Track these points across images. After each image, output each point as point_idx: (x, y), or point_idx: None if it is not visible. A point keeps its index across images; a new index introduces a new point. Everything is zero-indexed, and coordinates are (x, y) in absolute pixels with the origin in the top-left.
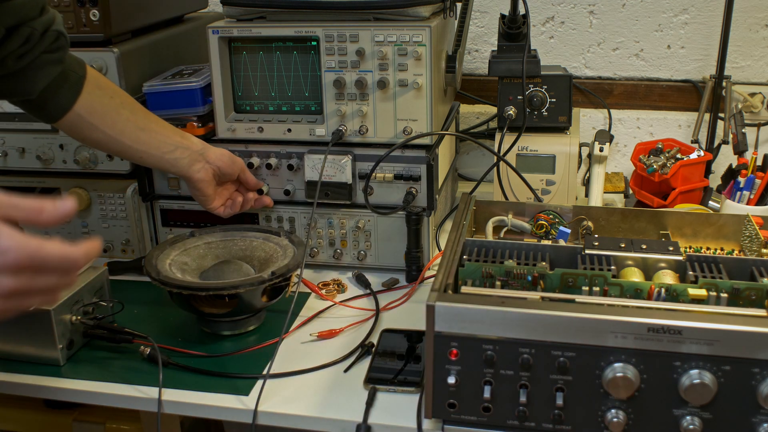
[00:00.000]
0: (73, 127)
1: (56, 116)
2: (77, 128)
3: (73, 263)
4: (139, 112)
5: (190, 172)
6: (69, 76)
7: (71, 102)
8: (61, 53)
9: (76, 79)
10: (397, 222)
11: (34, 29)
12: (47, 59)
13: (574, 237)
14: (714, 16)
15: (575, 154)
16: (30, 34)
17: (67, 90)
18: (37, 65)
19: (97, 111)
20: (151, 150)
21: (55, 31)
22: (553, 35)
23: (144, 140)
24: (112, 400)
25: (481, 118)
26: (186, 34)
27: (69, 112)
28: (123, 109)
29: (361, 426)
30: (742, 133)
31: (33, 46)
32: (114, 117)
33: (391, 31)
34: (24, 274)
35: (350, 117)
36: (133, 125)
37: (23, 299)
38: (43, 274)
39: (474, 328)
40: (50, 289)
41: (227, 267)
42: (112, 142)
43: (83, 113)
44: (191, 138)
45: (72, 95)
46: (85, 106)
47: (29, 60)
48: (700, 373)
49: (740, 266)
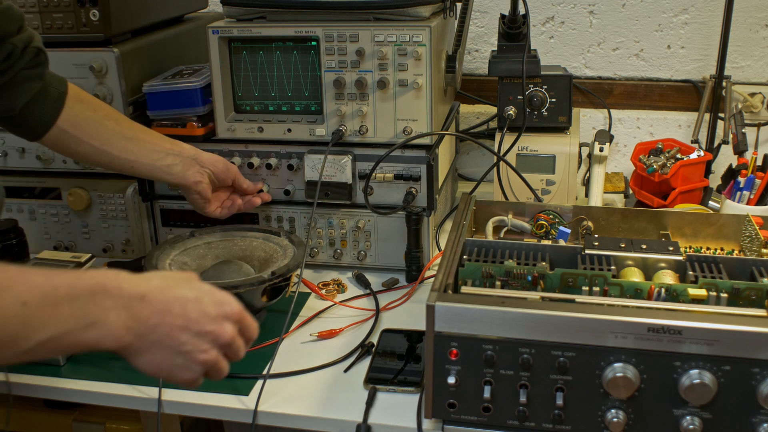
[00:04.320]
0: (59, 142)
1: (39, 132)
2: (62, 143)
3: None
4: (125, 123)
5: (185, 177)
6: (49, 92)
7: (54, 117)
8: (41, 69)
9: (57, 95)
10: (397, 222)
11: (15, 45)
12: (27, 75)
13: (574, 237)
14: (714, 16)
15: (575, 154)
16: (11, 51)
17: (48, 105)
18: (18, 81)
19: (80, 124)
20: (141, 159)
21: (35, 48)
22: (553, 35)
23: (132, 149)
24: (112, 400)
25: (481, 118)
26: (186, 34)
27: (52, 127)
28: (108, 121)
29: (361, 426)
30: (742, 133)
31: (14, 62)
32: (99, 129)
33: (391, 31)
34: (237, 327)
35: (350, 117)
36: (120, 135)
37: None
38: (242, 335)
39: (474, 328)
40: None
41: (227, 267)
42: (99, 154)
43: (67, 127)
44: (182, 145)
45: (54, 110)
46: (68, 121)
47: (9, 76)
48: (700, 373)
49: (740, 266)
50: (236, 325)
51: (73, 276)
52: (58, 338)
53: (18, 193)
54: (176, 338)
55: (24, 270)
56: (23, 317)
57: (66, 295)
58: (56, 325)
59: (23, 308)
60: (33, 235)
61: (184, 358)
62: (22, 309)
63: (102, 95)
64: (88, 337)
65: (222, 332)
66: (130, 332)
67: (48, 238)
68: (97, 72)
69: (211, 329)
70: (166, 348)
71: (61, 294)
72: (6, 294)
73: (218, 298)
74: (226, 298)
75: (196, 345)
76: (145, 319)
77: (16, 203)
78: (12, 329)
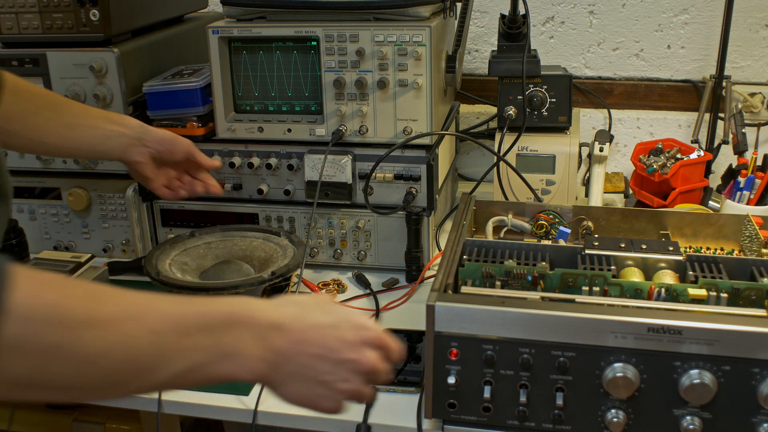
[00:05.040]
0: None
1: None
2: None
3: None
4: (65, 109)
5: (124, 156)
6: None
7: None
8: None
9: None
10: (397, 222)
11: None
12: None
13: (574, 237)
14: (714, 16)
15: (575, 154)
16: None
17: None
18: None
19: (14, 118)
20: (80, 145)
21: None
22: (553, 35)
23: (71, 136)
24: (112, 400)
25: (481, 118)
26: (186, 34)
27: None
28: (44, 110)
29: (361, 426)
30: (742, 133)
31: None
32: (34, 120)
33: (391, 31)
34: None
35: (350, 117)
36: (57, 124)
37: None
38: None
39: (474, 328)
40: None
41: (227, 267)
42: (37, 146)
43: (1, 123)
44: (127, 122)
45: None
46: (1, 116)
47: None
48: (700, 373)
49: (740, 266)
50: (378, 349)
51: (201, 303)
52: (194, 370)
53: (18, 193)
54: (315, 368)
55: (150, 297)
56: (157, 347)
57: (197, 324)
58: (191, 357)
59: (157, 338)
60: (33, 235)
61: (325, 387)
62: (156, 338)
63: (102, 95)
64: (224, 370)
65: (363, 360)
66: (266, 364)
67: (48, 238)
68: (97, 72)
69: (351, 357)
70: (306, 378)
71: (192, 323)
72: (137, 323)
73: (357, 323)
74: (365, 322)
75: (337, 374)
76: (280, 349)
77: (16, 203)
78: (147, 360)
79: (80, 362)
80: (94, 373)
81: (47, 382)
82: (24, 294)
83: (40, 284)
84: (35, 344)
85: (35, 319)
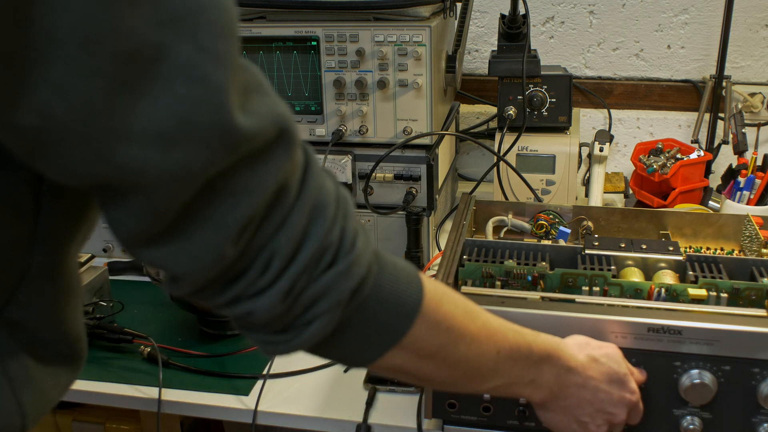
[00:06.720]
0: None
1: None
2: None
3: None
4: None
5: None
6: None
7: None
8: None
9: None
10: (397, 222)
11: None
12: None
13: (574, 237)
14: (714, 16)
15: (575, 154)
16: None
17: None
18: None
19: None
20: None
21: None
22: (553, 35)
23: None
24: (112, 400)
25: (481, 118)
26: None
27: None
28: None
29: (361, 426)
30: (742, 133)
31: None
32: None
33: (391, 31)
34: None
35: (350, 117)
36: None
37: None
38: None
39: None
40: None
41: None
42: None
43: None
44: None
45: None
46: None
47: None
48: (700, 373)
49: (740, 266)
50: (630, 409)
51: (531, 339)
52: (505, 386)
53: None
54: (581, 409)
55: (499, 322)
56: (495, 363)
57: (524, 354)
58: (509, 376)
59: (497, 356)
60: None
61: (579, 426)
62: (496, 356)
63: None
64: (524, 391)
65: (617, 416)
66: (550, 394)
67: None
68: None
69: (610, 411)
70: (570, 414)
71: (522, 352)
72: (490, 341)
73: (627, 386)
74: (633, 387)
75: (593, 419)
76: (565, 387)
77: None
78: (486, 371)
79: (449, 364)
80: (452, 374)
81: (420, 374)
82: (429, 301)
83: (441, 296)
84: (427, 342)
85: (433, 324)
